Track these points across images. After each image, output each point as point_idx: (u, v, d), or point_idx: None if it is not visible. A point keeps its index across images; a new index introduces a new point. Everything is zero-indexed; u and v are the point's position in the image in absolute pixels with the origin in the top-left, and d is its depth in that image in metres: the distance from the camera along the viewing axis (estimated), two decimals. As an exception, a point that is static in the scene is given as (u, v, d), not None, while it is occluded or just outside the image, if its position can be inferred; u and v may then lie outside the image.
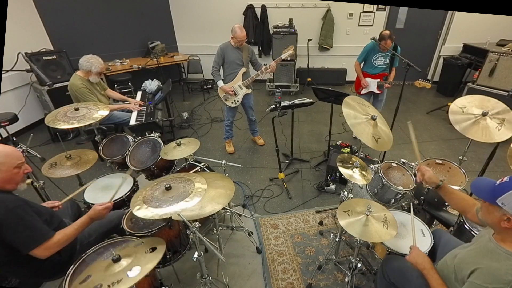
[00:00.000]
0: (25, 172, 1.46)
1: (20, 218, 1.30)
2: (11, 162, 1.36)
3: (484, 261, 1.06)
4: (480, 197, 1.10)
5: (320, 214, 2.68)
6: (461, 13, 5.23)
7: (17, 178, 1.41)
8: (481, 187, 1.10)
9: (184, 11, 5.65)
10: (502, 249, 1.04)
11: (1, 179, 1.34)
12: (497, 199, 1.01)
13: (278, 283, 2.05)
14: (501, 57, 3.90)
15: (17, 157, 1.39)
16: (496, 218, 1.04)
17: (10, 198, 1.34)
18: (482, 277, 1.03)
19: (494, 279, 1.00)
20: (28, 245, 1.31)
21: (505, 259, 1.02)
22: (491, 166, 2.30)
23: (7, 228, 1.27)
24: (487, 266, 1.03)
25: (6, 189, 1.38)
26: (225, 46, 3.16)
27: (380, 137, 1.85)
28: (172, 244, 1.80)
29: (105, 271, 1.23)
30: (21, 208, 1.32)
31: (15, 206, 1.30)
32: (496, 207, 1.03)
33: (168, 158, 2.08)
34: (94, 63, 2.97)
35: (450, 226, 1.91)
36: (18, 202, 1.33)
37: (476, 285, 1.03)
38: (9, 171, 1.35)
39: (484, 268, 1.04)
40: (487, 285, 1.00)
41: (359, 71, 3.53)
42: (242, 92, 3.32)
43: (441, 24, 5.53)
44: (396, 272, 1.46)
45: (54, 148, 3.82)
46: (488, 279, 1.01)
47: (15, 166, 1.37)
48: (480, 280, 1.03)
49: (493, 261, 1.04)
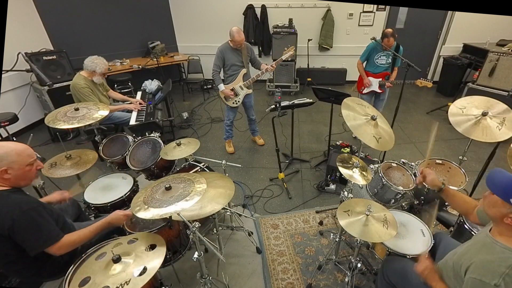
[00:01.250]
0: (38, 169, 1.49)
1: (33, 220, 1.31)
2: (23, 160, 1.38)
3: (479, 255, 1.07)
4: (494, 192, 1.07)
5: (320, 214, 2.68)
6: (461, 13, 5.23)
7: (30, 175, 1.43)
8: (496, 181, 1.06)
9: (184, 11, 5.66)
10: (498, 243, 1.05)
11: (14, 177, 1.36)
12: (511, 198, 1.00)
13: (278, 283, 2.05)
14: (501, 57, 3.90)
15: (29, 155, 1.41)
16: (501, 213, 1.04)
17: (25, 200, 1.35)
18: (476, 271, 1.04)
19: (487, 271, 1.01)
20: (36, 247, 1.33)
21: (499, 252, 1.03)
22: (491, 166, 2.30)
23: (18, 229, 1.28)
24: (481, 259, 1.05)
25: (20, 186, 1.42)
26: (224, 48, 3.14)
27: (381, 137, 1.85)
28: (172, 244, 1.80)
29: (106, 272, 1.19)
30: (35, 210, 1.34)
31: (29, 208, 1.32)
32: (506, 204, 1.02)
33: (168, 158, 2.08)
34: (99, 64, 3.00)
35: (450, 226, 1.92)
36: (32, 204, 1.35)
37: (472, 280, 1.04)
38: (22, 169, 1.38)
39: (478, 261, 1.05)
40: (480, 277, 1.01)
41: (362, 70, 3.53)
42: (243, 93, 3.32)
43: (441, 24, 5.53)
44: (397, 273, 1.46)
45: (54, 148, 3.82)
46: (481, 271, 1.02)
47: (27, 163, 1.39)
48: (474, 273, 1.04)
49: (487, 254, 1.05)
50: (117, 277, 1.16)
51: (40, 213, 1.35)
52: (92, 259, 1.30)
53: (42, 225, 1.34)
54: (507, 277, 0.96)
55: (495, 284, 0.97)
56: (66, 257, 1.53)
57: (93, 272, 1.21)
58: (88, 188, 2.14)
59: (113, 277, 1.16)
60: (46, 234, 1.35)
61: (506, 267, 0.98)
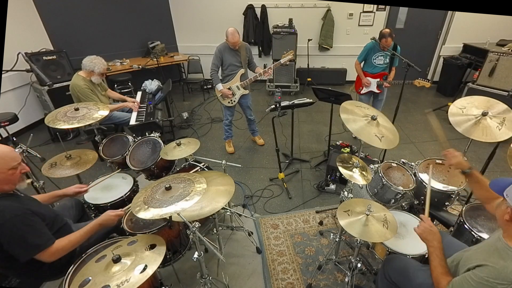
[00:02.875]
0: (23, 172, 1.42)
1: (16, 228, 1.26)
2: (5, 164, 1.31)
3: (492, 259, 1.07)
4: (493, 189, 1.12)
5: (320, 214, 2.68)
6: (461, 13, 5.23)
7: (13, 179, 1.36)
8: (499, 182, 1.11)
9: (184, 11, 5.65)
10: (511, 249, 1.04)
11: None
12: (504, 191, 1.03)
13: (278, 283, 2.05)
14: (501, 57, 3.90)
15: (11, 158, 1.34)
16: (502, 212, 1.06)
17: (8, 207, 1.29)
18: (487, 271, 1.03)
19: (499, 275, 1.00)
20: (23, 255, 1.29)
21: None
22: (491, 166, 2.30)
23: (2, 238, 1.25)
24: (494, 263, 1.04)
25: (4, 190, 1.36)
26: (223, 47, 3.15)
27: (384, 135, 1.85)
28: (172, 244, 1.80)
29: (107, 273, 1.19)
30: (19, 218, 1.28)
31: (12, 216, 1.27)
32: (504, 200, 1.05)
33: (168, 158, 2.08)
34: (97, 64, 3.00)
35: (450, 226, 1.91)
36: (15, 212, 1.29)
37: (479, 277, 1.04)
38: (4, 172, 1.31)
39: (491, 264, 1.04)
40: (489, 279, 1.01)
41: (360, 70, 3.53)
42: (239, 93, 3.32)
43: (441, 24, 5.52)
44: (398, 272, 1.46)
45: (54, 148, 3.82)
46: (493, 274, 1.02)
47: (10, 167, 1.33)
48: (484, 273, 1.04)
49: (500, 259, 1.05)
50: (117, 277, 1.16)
51: (25, 221, 1.30)
52: (92, 262, 1.30)
53: (27, 233, 1.28)
54: None
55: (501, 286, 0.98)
56: (66, 257, 1.52)
57: (93, 274, 1.21)
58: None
59: (113, 277, 1.16)
60: (31, 242, 1.29)
61: None
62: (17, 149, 1.99)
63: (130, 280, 1.13)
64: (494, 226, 1.67)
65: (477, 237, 1.62)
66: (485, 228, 1.69)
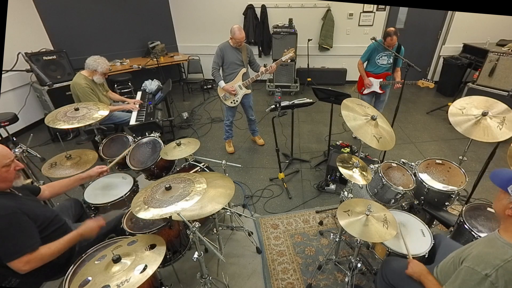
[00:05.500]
0: (17, 169, 1.40)
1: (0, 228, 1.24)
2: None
3: (479, 247, 1.10)
4: (494, 182, 1.12)
5: (320, 214, 2.68)
6: (461, 13, 5.23)
7: (8, 176, 1.35)
8: (497, 173, 1.13)
9: (184, 11, 5.65)
10: (501, 239, 1.06)
11: None
12: (508, 186, 1.04)
13: (278, 283, 2.05)
14: (501, 57, 3.90)
15: (3, 156, 1.32)
16: (503, 206, 1.07)
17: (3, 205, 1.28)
18: (471, 260, 1.06)
19: (482, 261, 1.02)
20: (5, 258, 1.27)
21: (499, 247, 1.04)
22: (491, 166, 2.30)
23: None
24: (479, 250, 1.07)
25: (2, 189, 1.35)
26: (224, 46, 3.15)
27: (381, 137, 1.85)
28: (172, 244, 1.80)
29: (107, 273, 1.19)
30: (6, 219, 1.26)
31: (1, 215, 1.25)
32: (507, 194, 1.06)
33: (168, 158, 2.08)
34: (100, 63, 3.02)
35: (450, 226, 1.91)
36: (4, 211, 1.27)
37: (466, 268, 1.06)
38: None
39: (476, 252, 1.07)
40: (474, 266, 1.03)
41: (362, 70, 3.52)
42: (241, 92, 3.32)
43: (441, 24, 5.52)
44: (396, 274, 1.46)
45: (54, 148, 3.82)
46: (476, 261, 1.04)
47: (2, 165, 1.31)
48: (469, 262, 1.06)
49: (486, 247, 1.07)
50: (117, 277, 1.16)
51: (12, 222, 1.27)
52: (92, 262, 1.30)
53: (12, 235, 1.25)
54: (500, 269, 0.98)
55: (486, 274, 0.99)
56: (63, 259, 1.51)
57: (93, 274, 1.21)
58: (88, 188, 2.14)
59: (113, 277, 1.16)
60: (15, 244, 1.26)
61: (502, 260, 0.99)
62: (17, 149, 1.99)
63: (130, 280, 1.13)
64: (494, 226, 1.68)
65: (477, 237, 1.62)
66: (485, 228, 1.69)
